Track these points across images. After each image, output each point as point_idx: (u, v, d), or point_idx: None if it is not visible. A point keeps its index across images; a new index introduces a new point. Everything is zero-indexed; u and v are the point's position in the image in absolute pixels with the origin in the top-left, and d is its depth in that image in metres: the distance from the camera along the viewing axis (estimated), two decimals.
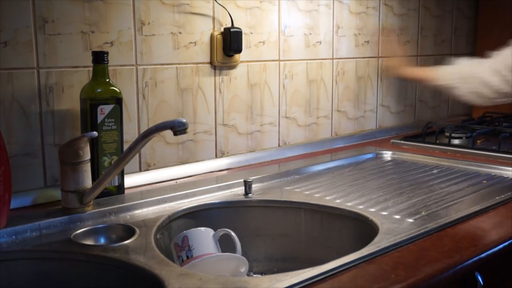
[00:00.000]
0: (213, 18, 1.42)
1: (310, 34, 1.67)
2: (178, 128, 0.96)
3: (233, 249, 1.04)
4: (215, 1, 1.41)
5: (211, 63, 1.43)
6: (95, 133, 1.05)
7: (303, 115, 1.69)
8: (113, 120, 1.14)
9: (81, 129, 1.15)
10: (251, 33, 1.51)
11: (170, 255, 1.03)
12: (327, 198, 1.21)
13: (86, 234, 1.01)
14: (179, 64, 1.36)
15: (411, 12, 2.02)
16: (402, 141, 1.79)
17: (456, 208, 1.14)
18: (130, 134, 1.27)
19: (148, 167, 1.33)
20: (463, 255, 0.91)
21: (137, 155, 1.29)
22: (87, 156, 1.04)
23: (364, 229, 1.07)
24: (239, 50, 1.44)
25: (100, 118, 1.12)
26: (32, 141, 1.14)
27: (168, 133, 1.02)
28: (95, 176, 1.10)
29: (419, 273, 0.84)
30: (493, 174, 1.43)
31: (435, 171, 1.47)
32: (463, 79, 1.59)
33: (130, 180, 1.24)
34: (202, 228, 1.05)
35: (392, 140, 1.82)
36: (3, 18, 1.07)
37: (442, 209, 1.13)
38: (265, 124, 1.58)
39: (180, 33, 1.35)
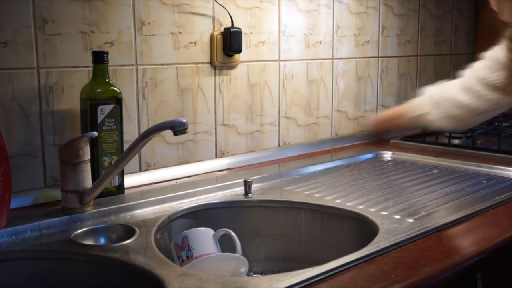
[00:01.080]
0: (213, 18, 1.42)
1: (310, 34, 1.67)
2: (178, 128, 0.96)
3: (233, 249, 1.04)
4: (215, 1, 1.41)
5: (211, 63, 1.43)
6: (95, 133, 1.05)
7: (303, 115, 1.69)
8: (113, 120, 1.14)
9: (81, 129, 1.15)
10: (251, 33, 1.51)
11: (170, 255, 1.03)
12: (327, 198, 1.21)
13: (86, 234, 1.01)
14: (179, 64, 1.36)
15: (411, 12, 2.02)
16: (402, 141, 1.79)
17: (456, 208, 1.14)
18: (130, 134, 1.27)
19: (148, 167, 1.33)
20: (463, 255, 0.91)
21: (137, 155, 1.29)
22: (87, 156, 1.04)
23: (364, 229, 1.07)
24: (239, 50, 1.44)
25: (100, 118, 1.12)
26: (32, 141, 1.14)
27: (168, 133, 1.02)
28: (95, 176, 1.10)
29: (419, 273, 0.84)
30: (493, 174, 1.43)
31: (435, 171, 1.47)
32: (434, 104, 1.47)
33: (130, 180, 1.24)
34: (202, 228, 1.05)
35: (392, 140, 1.82)
36: (3, 18, 1.07)
37: (442, 209, 1.13)
38: (265, 124, 1.58)
39: (180, 33, 1.35)
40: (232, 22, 1.43)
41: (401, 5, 1.97)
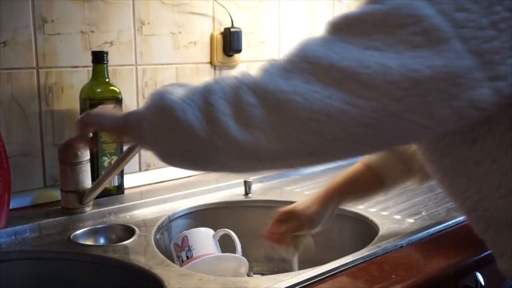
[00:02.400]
0: (213, 18, 1.42)
1: (310, 34, 1.67)
2: None
3: (233, 249, 1.04)
4: (215, 1, 1.40)
5: (211, 63, 1.42)
6: (90, 134, 1.03)
7: None
8: None
9: None
10: (251, 33, 1.50)
11: (170, 255, 1.02)
12: None
13: (86, 234, 1.01)
14: (179, 64, 1.36)
15: None
16: None
17: (456, 208, 1.14)
18: None
19: (148, 167, 1.33)
20: (463, 255, 0.91)
21: (137, 155, 1.29)
22: (87, 156, 1.04)
23: (364, 229, 1.07)
24: (239, 50, 1.44)
25: None
26: (32, 141, 1.13)
27: None
28: (95, 176, 1.10)
29: (419, 273, 0.84)
30: None
31: None
32: None
33: (130, 180, 1.24)
34: (202, 228, 1.05)
35: None
36: (3, 18, 1.07)
37: (442, 209, 1.13)
38: None
39: (180, 33, 1.35)
40: (232, 22, 1.43)
41: None
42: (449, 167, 0.65)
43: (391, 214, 1.10)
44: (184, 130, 0.60)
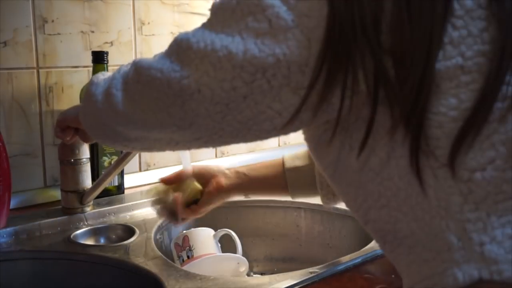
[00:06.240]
0: None
1: None
2: None
3: (233, 249, 1.04)
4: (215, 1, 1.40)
5: None
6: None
7: None
8: None
9: None
10: None
11: (170, 255, 1.03)
12: None
13: (86, 234, 1.01)
14: None
15: None
16: None
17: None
18: None
19: (148, 167, 1.33)
20: None
21: (137, 155, 1.29)
22: (87, 156, 1.04)
23: (364, 229, 1.07)
24: None
25: None
26: (32, 141, 1.14)
27: None
28: (95, 176, 1.10)
29: None
30: None
31: None
32: None
33: (130, 180, 1.24)
34: (203, 228, 1.05)
35: None
36: (3, 18, 1.07)
37: None
38: None
39: (180, 33, 1.35)
40: None
41: None
42: (337, 176, 0.64)
43: None
44: (95, 109, 0.67)
